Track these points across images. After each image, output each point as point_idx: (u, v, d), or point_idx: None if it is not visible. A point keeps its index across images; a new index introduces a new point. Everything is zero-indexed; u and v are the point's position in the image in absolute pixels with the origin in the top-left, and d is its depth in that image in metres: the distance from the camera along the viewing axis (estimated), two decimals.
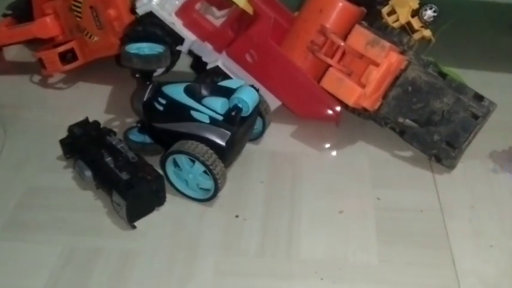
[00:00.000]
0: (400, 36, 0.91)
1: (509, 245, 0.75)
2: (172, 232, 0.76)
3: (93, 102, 1.00)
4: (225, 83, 0.83)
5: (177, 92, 0.81)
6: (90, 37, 0.99)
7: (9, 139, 0.91)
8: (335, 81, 0.86)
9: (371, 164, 0.88)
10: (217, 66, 0.91)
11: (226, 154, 0.79)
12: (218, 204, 0.80)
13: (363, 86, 0.85)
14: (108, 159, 0.79)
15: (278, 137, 0.94)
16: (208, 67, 0.92)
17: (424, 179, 0.86)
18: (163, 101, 0.81)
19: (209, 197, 0.80)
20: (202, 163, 0.76)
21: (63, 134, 0.86)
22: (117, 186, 0.75)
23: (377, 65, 0.84)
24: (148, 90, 0.82)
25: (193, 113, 0.79)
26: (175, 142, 0.79)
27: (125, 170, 0.77)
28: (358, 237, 0.76)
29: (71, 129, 0.85)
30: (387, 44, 0.84)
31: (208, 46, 0.92)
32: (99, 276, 0.70)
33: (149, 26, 0.90)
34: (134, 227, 0.76)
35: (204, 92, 0.82)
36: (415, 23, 0.95)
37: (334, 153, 0.93)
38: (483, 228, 0.78)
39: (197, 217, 0.79)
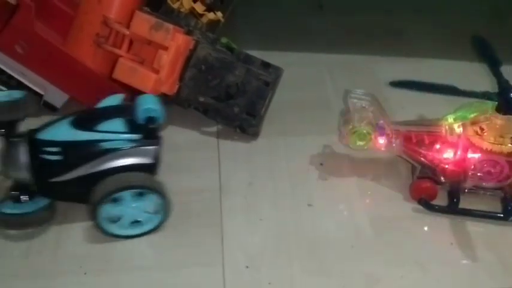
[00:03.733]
0: (187, 19, 0.92)
1: (276, 218, 0.77)
2: None
3: None
4: (102, 105, 0.76)
5: (65, 131, 0.70)
6: None
7: None
8: (127, 71, 0.85)
9: None
10: None
11: (156, 168, 0.72)
12: None
13: (157, 72, 0.84)
14: None
15: None
16: None
17: (209, 161, 0.87)
18: (55, 149, 0.69)
19: (162, 219, 0.73)
20: (155, 191, 0.70)
21: None
22: None
23: (165, 48, 0.84)
24: (23, 146, 0.68)
25: (104, 144, 0.69)
26: (91, 185, 0.69)
27: None
28: None
29: None
30: (171, 26, 0.84)
31: None
32: None
33: None
34: None
35: (91, 120, 0.72)
36: (198, 7, 0.95)
37: None
38: (256, 204, 0.79)
39: None
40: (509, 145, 0.73)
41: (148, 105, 0.71)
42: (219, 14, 0.98)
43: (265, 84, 0.88)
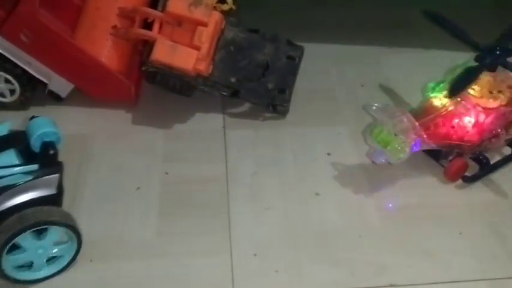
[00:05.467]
0: None
1: (284, 207, 0.77)
2: None
3: None
4: None
5: None
6: None
7: None
8: (168, 50, 0.83)
9: (165, 139, 0.87)
10: None
11: (61, 198, 0.66)
12: None
13: (198, 49, 0.83)
14: None
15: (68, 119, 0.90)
16: None
17: (215, 151, 0.86)
18: None
19: (72, 258, 0.67)
20: (59, 224, 0.63)
21: None
22: None
23: (205, 24, 0.84)
24: None
25: None
26: None
27: None
28: (139, 213, 0.75)
29: None
30: (210, 2, 0.84)
31: None
32: None
33: None
34: None
35: None
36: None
37: (128, 131, 0.89)
38: (263, 193, 0.79)
39: None
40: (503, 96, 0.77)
41: (43, 129, 0.63)
42: (230, 1, 0.97)
43: (292, 59, 0.89)
